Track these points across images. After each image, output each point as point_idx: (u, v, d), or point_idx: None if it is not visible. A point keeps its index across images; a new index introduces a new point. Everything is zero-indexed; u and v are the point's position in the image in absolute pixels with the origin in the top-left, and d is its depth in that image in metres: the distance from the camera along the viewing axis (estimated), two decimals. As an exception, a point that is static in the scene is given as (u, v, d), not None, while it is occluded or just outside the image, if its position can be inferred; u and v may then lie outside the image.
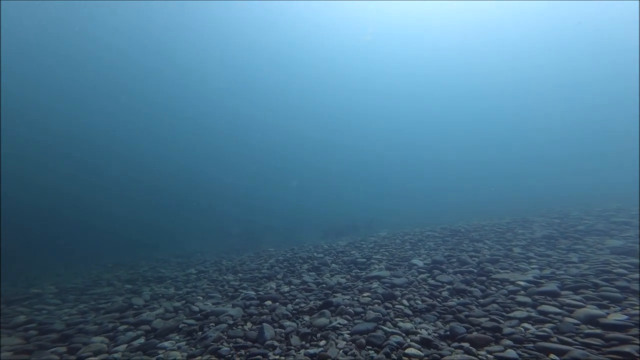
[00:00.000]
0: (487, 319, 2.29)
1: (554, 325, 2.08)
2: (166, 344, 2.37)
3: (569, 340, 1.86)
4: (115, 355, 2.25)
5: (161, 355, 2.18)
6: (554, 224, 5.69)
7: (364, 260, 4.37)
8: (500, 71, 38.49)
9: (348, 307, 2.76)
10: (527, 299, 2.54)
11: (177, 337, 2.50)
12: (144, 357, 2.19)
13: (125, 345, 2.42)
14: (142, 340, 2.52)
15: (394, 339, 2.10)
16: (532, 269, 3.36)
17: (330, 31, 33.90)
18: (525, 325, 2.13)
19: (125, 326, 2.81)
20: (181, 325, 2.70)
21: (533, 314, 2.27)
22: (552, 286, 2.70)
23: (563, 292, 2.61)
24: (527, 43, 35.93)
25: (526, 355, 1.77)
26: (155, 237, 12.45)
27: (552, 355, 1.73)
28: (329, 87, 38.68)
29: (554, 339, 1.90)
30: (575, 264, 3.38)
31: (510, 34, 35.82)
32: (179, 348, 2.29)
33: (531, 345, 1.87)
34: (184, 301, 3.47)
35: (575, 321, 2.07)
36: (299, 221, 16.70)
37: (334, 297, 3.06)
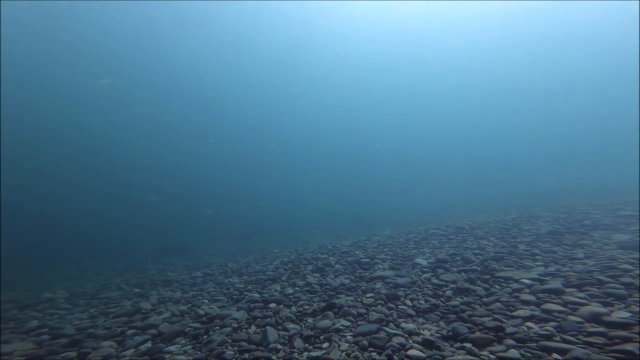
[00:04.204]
0: (490, 318, 2.28)
1: (557, 324, 2.06)
2: (172, 348, 2.42)
3: (572, 339, 1.85)
4: (124, 360, 2.30)
5: None
6: (560, 218, 5.61)
7: (368, 260, 4.38)
8: (502, 69, 38.19)
9: (351, 309, 2.77)
10: (531, 297, 2.53)
11: (183, 341, 2.55)
12: (151, 361, 2.24)
13: (133, 350, 2.47)
14: (149, 344, 2.57)
15: (397, 341, 2.11)
16: (537, 266, 3.33)
17: (339, 31, 33.77)
18: (529, 324, 2.12)
19: (133, 330, 2.87)
20: (187, 329, 2.74)
21: (537, 313, 2.25)
22: (556, 284, 2.67)
23: (567, 290, 2.59)
24: (532, 42, 35.65)
25: (529, 355, 1.76)
26: (163, 241, 12.63)
27: (555, 355, 1.72)
28: (332, 87, 38.63)
29: (557, 338, 1.89)
30: (580, 260, 3.34)
31: (512, 34, 35.49)
32: (184, 352, 2.34)
33: (534, 344, 1.86)
34: (190, 305, 3.53)
35: (579, 319, 2.06)
36: (302, 221, 16.77)
37: (338, 298, 3.08)
